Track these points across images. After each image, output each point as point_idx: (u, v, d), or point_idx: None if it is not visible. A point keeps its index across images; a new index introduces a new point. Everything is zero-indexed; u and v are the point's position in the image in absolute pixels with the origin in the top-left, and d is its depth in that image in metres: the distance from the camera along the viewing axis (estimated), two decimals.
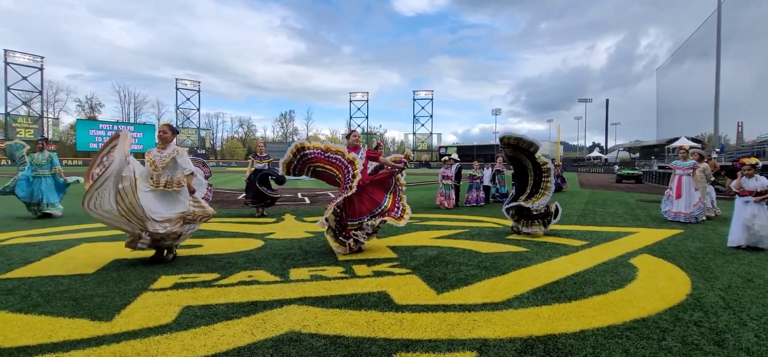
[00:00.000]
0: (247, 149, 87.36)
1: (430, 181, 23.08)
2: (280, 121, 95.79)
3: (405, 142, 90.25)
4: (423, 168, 70.72)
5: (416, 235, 5.96)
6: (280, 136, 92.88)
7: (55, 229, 6.19)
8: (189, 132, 71.57)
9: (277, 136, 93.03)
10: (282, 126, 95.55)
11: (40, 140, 7.69)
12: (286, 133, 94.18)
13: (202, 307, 2.91)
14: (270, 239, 5.58)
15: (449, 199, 9.49)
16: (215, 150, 79.59)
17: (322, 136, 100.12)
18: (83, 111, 71.58)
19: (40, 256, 4.39)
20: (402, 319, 2.74)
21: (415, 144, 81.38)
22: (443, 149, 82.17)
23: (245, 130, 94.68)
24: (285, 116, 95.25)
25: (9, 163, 7.21)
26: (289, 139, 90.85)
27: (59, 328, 2.52)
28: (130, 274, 3.75)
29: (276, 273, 3.85)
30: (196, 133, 72.49)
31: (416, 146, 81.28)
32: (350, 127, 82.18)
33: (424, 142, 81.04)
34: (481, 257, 4.59)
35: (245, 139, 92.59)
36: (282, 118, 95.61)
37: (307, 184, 18.89)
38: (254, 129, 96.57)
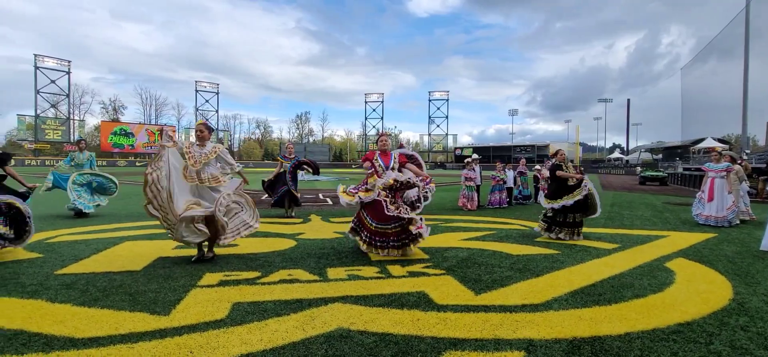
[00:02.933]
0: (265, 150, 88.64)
1: (449, 183, 23.03)
2: (295, 122, 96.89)
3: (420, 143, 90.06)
4: (438, 169, 70.51)
5: (444, 236, 6.01)
6: (296, 137, 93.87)
7: (96, 227, 6.47)
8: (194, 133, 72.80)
9: (293, 137, 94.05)
10: (297, 127, 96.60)
11: (80, 141, 8.03)
12: (301, 133, 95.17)
13: (251, 304, 3.04)
14: (301, 239, 5.71)
15: (472, 201, 9.49)
16: (233, 151, 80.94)
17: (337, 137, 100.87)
18: (107, 113, 73.85)
19: (88, 253, 4.61)
20: (445, 319, 2.80)
21: (430, 145, 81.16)
22: (459, 150, 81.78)
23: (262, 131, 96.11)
24: (300, 117, 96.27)
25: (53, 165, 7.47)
26: (305, 140, 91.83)
27: (123, 321, 2.67)
28: (176, 271, 3.92)
29: (314, 272, 3.96)
30: (214, 135, 73.58)
31: (431, 147, 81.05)
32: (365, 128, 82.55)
33: (440, 143, 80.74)
34: (513, 259, 4.61)
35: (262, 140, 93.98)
36: (298, 119, 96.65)
37: (327, 185, 19.10)
38: (271, 130, 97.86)
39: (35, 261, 4.23)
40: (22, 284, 3.43)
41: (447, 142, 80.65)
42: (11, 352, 2.23)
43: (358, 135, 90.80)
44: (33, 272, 3.80)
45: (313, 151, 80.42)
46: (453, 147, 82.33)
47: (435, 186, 5.11)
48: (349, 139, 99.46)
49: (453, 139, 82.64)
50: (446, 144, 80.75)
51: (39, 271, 3.86)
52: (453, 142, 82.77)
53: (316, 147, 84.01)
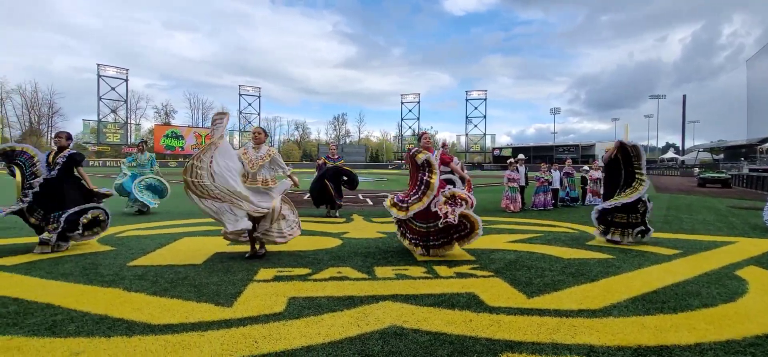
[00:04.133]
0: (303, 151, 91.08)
1: (488, 184, 22.58)
2: (333, 123, 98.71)
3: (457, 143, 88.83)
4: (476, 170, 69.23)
5: (489, 238, 5.91)
6: (333, 138, 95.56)
7: (156, 223, 6.95)
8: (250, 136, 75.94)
9: (330, 138, 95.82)
10: (335, 128, 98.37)
11: (141, 143, 8.68)
12: (338, 135, 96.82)
13: (305, 299, 3.16)
14: (346, 238, 5.84)
15: (515, 203, 9.25)
16: None
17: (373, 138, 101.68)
18: (159, 117, 78.88)
19: (153, 247, 4.98)
20: (499, 321, 2.77)
21: (467, 145, 79.85)
22: (497, 150, 79.87)
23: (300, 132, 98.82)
24: (337, 119, 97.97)
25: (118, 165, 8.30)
26: (342, 140, 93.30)
27: (192, 311, 2.87)
28: (233, 265, 4.14)
29: (362, 270, 4.04)
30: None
31: (469, 148, 79.71)
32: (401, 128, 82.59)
33: (477, 143, 79.23)
34: (564, 263, 4.46)
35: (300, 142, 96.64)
36: (335, 121, 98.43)
37: (367, 186, 19.32)
38: (309, 132, 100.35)
39: (109, 253, 4.63)
40: (101, 274, 3.77)
41: (485, 142, 79.00)
42: (99, 335, 2.46)
43: (394, 136, 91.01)
44: (109, 263, 4.16)
45: (350, 151, 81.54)
46: (491, 147, 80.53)
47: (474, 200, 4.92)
48: (385, 140, 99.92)
49: (491, 140, 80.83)
50: (484, 144, 79.11)
51: (114, 262, 4.22)
52: (491, 142, 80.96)
53: (352, 148, 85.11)
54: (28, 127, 69.91)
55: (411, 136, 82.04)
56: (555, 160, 67.61)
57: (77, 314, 2.77)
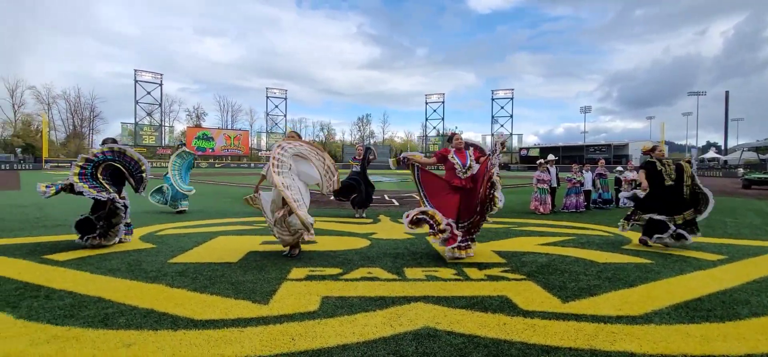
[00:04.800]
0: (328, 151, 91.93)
1: (516, 185, 22.11)
2: (357, 124, 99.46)
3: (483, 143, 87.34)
4: (502, 171, 67.95)
5: (519, 240, 5.81)
6: (357, 139, 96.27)
7: (192, 222, 7.23)
8: (276, 137, 77.82)
9: (355, 139, 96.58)
10: (359, 129, 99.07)
11: (179, 144, 9.06)
12: (363, 135, 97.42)
13: (338, 298, 3.21)
14: (374, 239, 5.88)
15: (545, 204, 9.03)
16: None
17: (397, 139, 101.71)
18: (191, 119, 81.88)
19: (191, 246, 5.19)
20: (534, 325, 2.73)
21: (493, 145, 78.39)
22: (524, 150, 78.13)
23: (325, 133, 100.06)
24: (362, 120, 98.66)
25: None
26: (366, 141, 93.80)
27: (231, 307, 2.99)
28: (266, 264, 4.26)
29: (392, 271, 4.07)
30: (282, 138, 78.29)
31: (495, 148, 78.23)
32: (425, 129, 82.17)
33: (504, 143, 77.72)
34: (600, 267, 4.33)
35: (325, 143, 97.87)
36: (359, 122, 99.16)
37: (392, 187, 19.35)
38: (334, 133, 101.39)
39: (151, 251, 4.86)
40: (145, 270, 3.97)
41: (512, 142, 77.42)
42: (147, 328, 2.60)
43: (419, 136, 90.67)
44: (151, 260, 4.37)
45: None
46: (518, 147, 78.85)
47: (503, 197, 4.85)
48: (410, 140, 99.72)
49: (518, 139, 79.16)
50: (510, 144, 77.54)
51: (155, 259, 4.43)
52: (518, 142, 79.29)
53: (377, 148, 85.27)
54: (71, 130, 74.22)
55: (435, 137, 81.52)
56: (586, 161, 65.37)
57: (126, 308, 2.93)
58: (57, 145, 66.74)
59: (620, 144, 70.71)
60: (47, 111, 69.20)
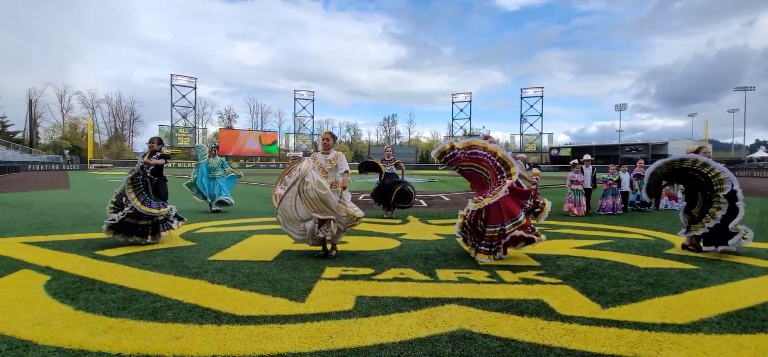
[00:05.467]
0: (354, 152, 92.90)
1: (546, 185, 21.53)
2: (383, 125, 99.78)
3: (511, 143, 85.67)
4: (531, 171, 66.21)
5: (553, 243, 5.66)
6: (383, 139, 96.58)
7: (227, 221, 7.50)
8: (304, 138, 79.30)
9: (381, 140, 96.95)
10: (385, 129, 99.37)
11: (213, 148, 9.43)
12: (389, 136, 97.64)
13: (372, 298, 3.25)
14: (404, 239, 5.90)
15: (579, 206, 8.75)
16: None
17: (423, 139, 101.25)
18: (223, 121, 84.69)
19: (228, 244, 5.39)
20: (573, 331, 2.66)
21: (522, 145, 76.66)
22: (555, 150, 75.91)
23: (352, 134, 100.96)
24: (387, 120, 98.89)
25: (192, 164, 9.25)
26: (392, 141, 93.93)
27: (269, 304, 3.09)
28: (301, 263, 4.37)
29: (424, 272, 4.08)
30: (310, 139, 79.74)
31: (524, 147, 76.49)
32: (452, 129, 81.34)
33: (533, 142, 75.83)
34: (641, 272, 4.16)
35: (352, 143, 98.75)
36: (385, 122, 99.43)
37: (419, 187, 19.27)
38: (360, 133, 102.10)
39: (192, 248, 5.09)
40: (187, 267, 4.16)
41: (541, 141, 75.41)
42: (193, 322, 2.73)
43: (445, 136, 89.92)
44: (192, 257, 4.58)
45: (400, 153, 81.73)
46: (548, 147, 76.67)
47: None
48: (436, 140, 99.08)
49: (548, 139, 76.95)
50: (540, 144, 75.53)
51: (196, 256, 4.63)
52: (548, 141, 77.08)
53: (402, 148, 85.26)
54: (113, 132, 78.53)
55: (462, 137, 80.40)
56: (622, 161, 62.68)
57: (172, 302, 3.09)
58: (100, 147, 70.71)
59: (659, 143, 67.25)
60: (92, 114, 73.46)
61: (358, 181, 23.59)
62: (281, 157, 77.41)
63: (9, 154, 44.66)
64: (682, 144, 64.41)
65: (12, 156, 44.02)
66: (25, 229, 6.39)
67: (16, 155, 46.14)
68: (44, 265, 4.11)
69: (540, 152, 75.93)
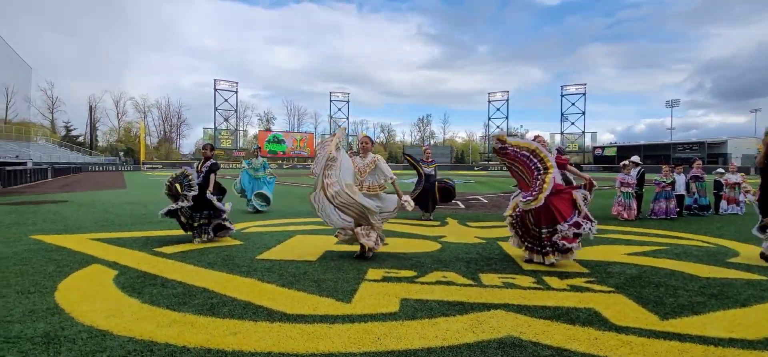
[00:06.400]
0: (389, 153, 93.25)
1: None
2: (417, 125, 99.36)
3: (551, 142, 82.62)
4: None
5: (602, 249, 5.42)
6: (418, 140, 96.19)
7: (270, 221, 7.79)
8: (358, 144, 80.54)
9: (415, 140, 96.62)
10: (419, 130, 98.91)
11: (256, 149, 9.84)
12: (423, 136, 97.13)
13: (417, 301, 3.27)
14: (445, 242, 5.87)
15: (630, 210, 8.30)
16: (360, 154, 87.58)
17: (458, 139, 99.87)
18: (262, 124, 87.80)
19: (273, 244, 5.60)
20: (630, 343, 2.55)
21: (563, 144, 73.73)
22: (599, 150, 72.39)
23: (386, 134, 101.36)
24: (422, 120, 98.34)
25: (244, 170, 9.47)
26: (426, 142, 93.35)
27: (317, 304, 3.19)
28: (344, 264, 4.47)
29: (467, 276, 4.04)
30: (346, 140, 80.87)
31: (565, 147, 73.56)
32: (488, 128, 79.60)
33: (575, 142, 72.71)
34: (702, 282, 3.90)
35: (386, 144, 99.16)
36: (419, 122, 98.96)
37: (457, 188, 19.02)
38: (394, 133, 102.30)
39: (240, 247, 5.34)
40: (238, 265, 4.38)
41: (584, 141, 72.16)
42: (247, 318, 2.88)
43: (480, 136, 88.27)
44: (241, 256, 4.80)
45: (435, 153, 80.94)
46: (591, 146, 73.21)
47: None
48: (471, 140, 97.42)
49: (591, 138, 73.48)
50: (583, 143, 72.29)
51: (245, 255, 4.85)
52: (591, 140, 73.59)
53: (437, 149, 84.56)
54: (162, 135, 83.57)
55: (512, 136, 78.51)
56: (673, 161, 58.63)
57: (228, 299, 3.27)
58: (151, 149, 75.49)
59: (717, 141, 62.14)
60: (143, 118, 78.50)
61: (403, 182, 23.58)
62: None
63: (73, 156, 48.78)
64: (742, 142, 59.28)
65: (75, 158, 48.02)
66: (92, 226, 6.97)
67: (79, 157, 50.26)
68: (111, 261, 4.47)
69: (583, 152, 72.67)
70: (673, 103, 69.63)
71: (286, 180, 23.56)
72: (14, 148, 29.14)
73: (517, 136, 57.06)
